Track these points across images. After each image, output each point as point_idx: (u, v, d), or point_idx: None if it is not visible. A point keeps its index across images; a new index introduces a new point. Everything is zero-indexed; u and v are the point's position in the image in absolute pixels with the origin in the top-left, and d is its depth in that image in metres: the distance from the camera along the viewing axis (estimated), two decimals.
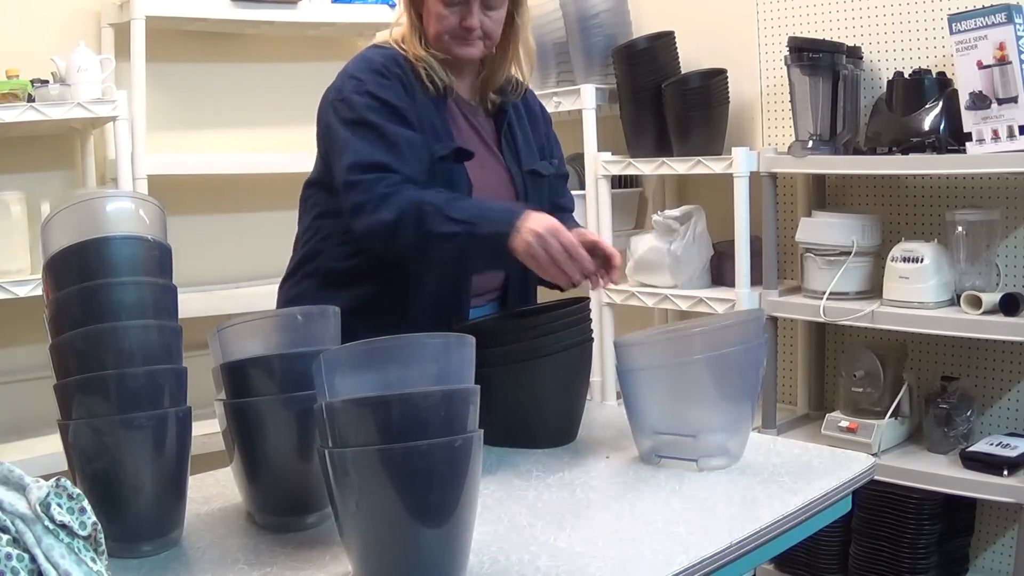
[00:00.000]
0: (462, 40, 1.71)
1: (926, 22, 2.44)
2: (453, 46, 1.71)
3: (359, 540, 1.09)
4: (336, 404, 1.08)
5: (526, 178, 1.81)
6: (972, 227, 2.25)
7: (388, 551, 1.08)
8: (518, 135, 1.84)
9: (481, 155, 1.76)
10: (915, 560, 2.30)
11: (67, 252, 1.26)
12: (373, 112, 1.63)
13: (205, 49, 3.03)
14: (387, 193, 1.59)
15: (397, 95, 1.66)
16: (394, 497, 1.05)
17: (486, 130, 1.81)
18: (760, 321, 1.56)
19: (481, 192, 1.72)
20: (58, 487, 1.00)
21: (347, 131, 1.64)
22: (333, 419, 1.08)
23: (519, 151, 1.82)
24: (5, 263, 2.43)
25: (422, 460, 1.04)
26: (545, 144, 1.91)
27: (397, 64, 1.70)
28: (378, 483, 1.05)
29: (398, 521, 1.06)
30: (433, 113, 1.71)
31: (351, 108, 1.65)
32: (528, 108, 1.90)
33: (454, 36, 1.70)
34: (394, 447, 1.04)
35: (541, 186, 1.84)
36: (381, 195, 1.59)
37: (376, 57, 1.71)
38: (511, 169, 1.80)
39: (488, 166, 1.77)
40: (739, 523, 1.28)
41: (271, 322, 1.42)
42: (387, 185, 1.59)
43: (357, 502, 1.07)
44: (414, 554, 1.07)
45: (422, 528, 1.07)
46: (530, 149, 1.85)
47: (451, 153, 1.69)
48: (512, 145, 1.82)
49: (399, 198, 1.58)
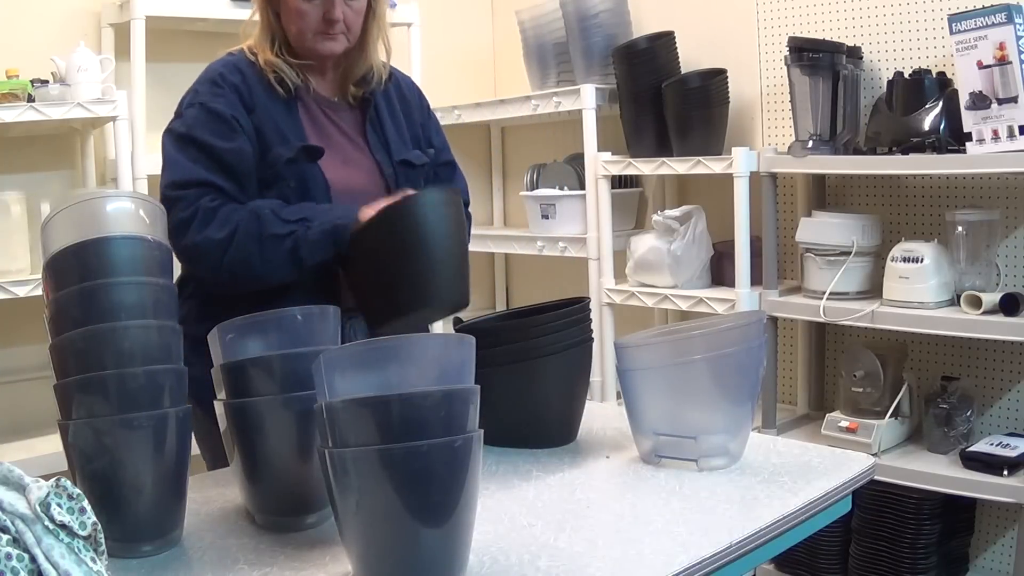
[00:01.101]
0: (325, 35, 1.70)
1: (926, 22, 2.44)
2: (316, 43, 1.71)
3: (359, 540, 1.09)
4: (336, 404, 1.08)
5: (397, 169, 1.79)
6: (972, 227, 2.25)
7: (388, 551, 1.08)
8: (387, 125, 1.81)
9: (343, 150, 1.75)
10: (915, 560, 2.30)
11: (67, 252, 1.26)
12: (199, 126, 1.65)
13: (205, 49, 3.01)
14: (213, 207, 1.60)
15: (229, 103, 1.66)
16: (394, 497, 1.05)
17: (349, 123, 1.79)
18: (760, 323, 1.56)
19: (346, 187, 1.71)
20: (58, 487, 1.00)
21: (174, 148, 1.66)
22: (333, 419, 1.08)
23: (388, 141, 1.80)
24: (5, 263, 2.43)
25: (422, 460, 1.04)
26: (421, 133, 1.88)
27: (238, 71, 1.69)
28: (378, 483, 1.05)
29: (398, 521, 1.06)
30: (282, 116, 1.70)
31: (183, 122, 1.67)
32: (401, 96, 1.87)
33: (317, 32, 1.69)
34: (394, 447, 1.04)
35: (414, 176, 1.82)
36: (206, 210, 1.60)
37: (217, 66, 1.72)
38: (380, 161, 1.78)
39: (352, 160, 1.76)
40: (739, 523, 1.28)
41: (271, 322, 1.42)
42: (210, 199, 1.61)
43: (357, 502, 1.07)
44: (414, 554, 1.07)
45: (422, 528, 1.07)
46: (401, 138, 1.83)
47: (297, 154, 1.68)
48: (380, 136, 1.80)
49: (225, 214, 1.60)
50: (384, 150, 1.79)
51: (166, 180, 1.64)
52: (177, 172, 1.63)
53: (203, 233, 1.60)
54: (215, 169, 1.63)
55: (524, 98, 3.07)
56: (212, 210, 1.60)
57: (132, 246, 1.29)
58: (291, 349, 1.32)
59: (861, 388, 2.38)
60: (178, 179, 1.63)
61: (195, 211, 1.60)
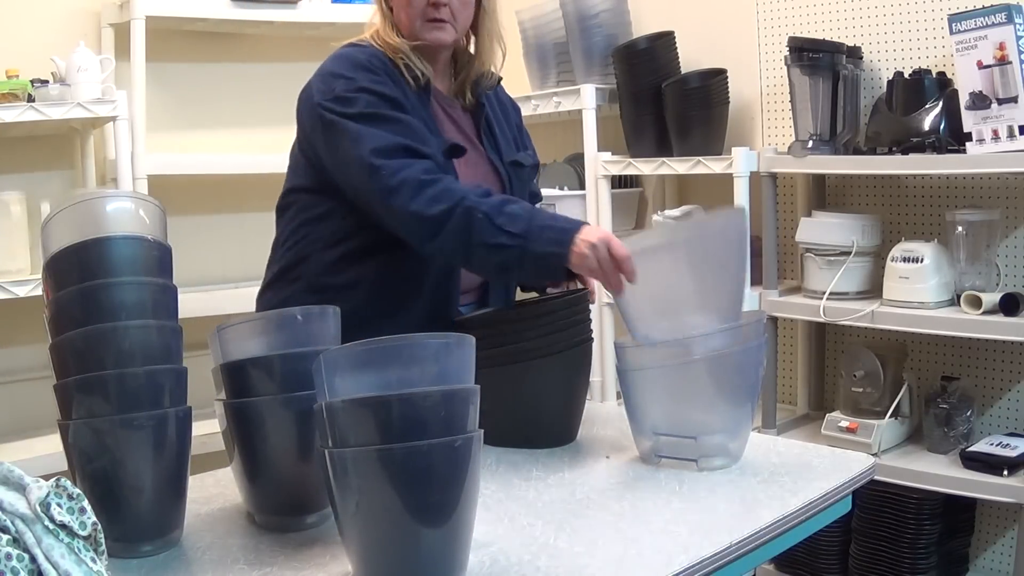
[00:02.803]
0: (432, 23, 1.69)
1: (926, 22, 2.44)
2: (425, 31, 1.69)
3: (359, 540, 1.09)
4: (336, 404, 1.08)
5: (509, 169, 1.81)
6: (972, 227, 2.25)
7: (388, 550, 1.08)
8: (496, 128, 1.83)
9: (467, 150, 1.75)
10: (915, 560, 2.30)
11: (67, 252, 1.26)
12: (375, 106, 1.59)
13: (205, 49, 3.03)
14: (425, 181, 1.52)
15: (392, 89, 1.64)
16: (394, 497, 1.05)
17: (465, 124, 1.80)
18: (760, 323, 1.56)
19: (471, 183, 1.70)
20: (58, 487, 1.00)
21: (355, 124, 1.57)
22: (333, 419, 1.08)
23: (499, 143, 1.82)
24: (5, 263, 2.43)
25: (422, 460, 1.04)
26: (518, 136, 1.91)
27: (379, 60, 1.67)
28: (378, 483, 1.05)
29: (398, 521, 1.06)
30: (420, 108, 1.69)
31: (351, 104, 1.59)
32: (499, 100, 1.90)
33: (425, 19, 1.69)
34: (394, 447, 1.04)
35: (523, 176, 1.85)
36: (418, 181, 1.52)
37: (358, 55, 1.67)
38: (494, 161, 1.80)
39: (472, 160, 1.76)
40: (739, 523, 1.28)
41: (271, 322, 1.42)
42: (423, 171, 1.53)
43: (357, 502, 1.07)
44: (414, 553, 1.08)
45: (422, 528, 1.07)
46: (507, 141, 1.85)
47: (444, 151, 1.67)
48: (492, 138, 1.82)
49: (439, 190, 1.51)
50: (496, 151, 1.81)
51: (366, 149, 1.54)
52: (372, 140, 1.55)
53: (413, 205, 1.51)
54: (413, 137, 1.58)
55: (524, 98, 3.06)
56: (425, 182, 1.52)
57: (132, 246, 1.29)
58: (291, 349, 1.32)
59: (861, 388, 2.38)
60: (377, 145, 1.54)
61: (403, 179, 1.52)
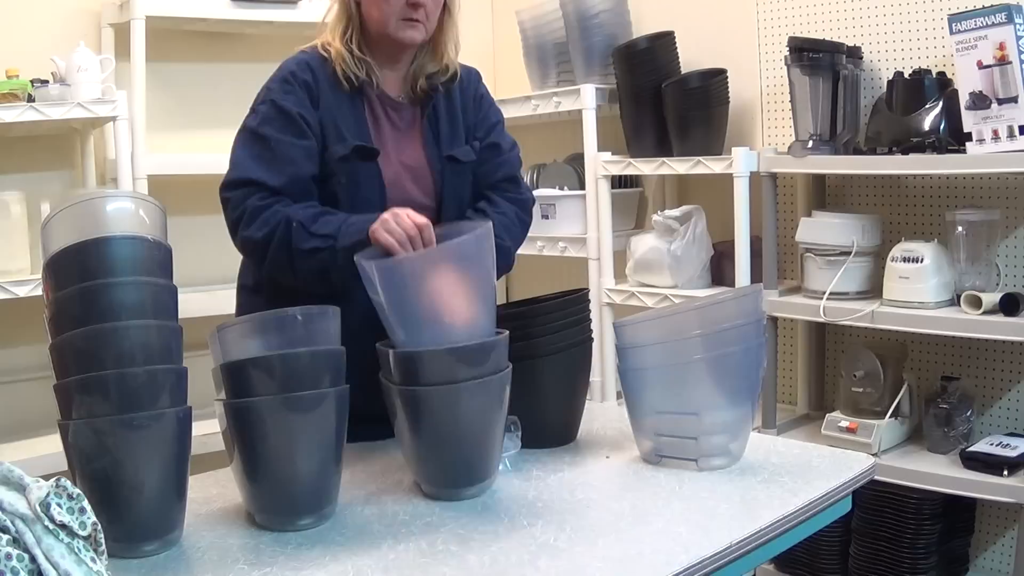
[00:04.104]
0: (407, 22, 1.72)
1: (926, 22, 2.44)
2: (398, 30, 1.72)
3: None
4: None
5: (444, 164, 1.81)
6: (972, 227, 2.25)
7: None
8: (443, 121, 1.83)
9: (399, 147, 1.77)
10: (915, 560, 2.30)
11: (67, 252, 1.26)
12: (268, 122, 1.69)
13: (205, 49, 3.03)
14: (257, 207, 1.64)
15: (298, 101, 1.70)
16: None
17: (407, 120, 1.81)
18: (760, 322, 1.55)
19: (400, 185, 1.75)
20: (58, 487, 1.00)
21: (240, 144, 1.71)
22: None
23: (440, 138, 1.82)
24: (5, 263, 2.43)
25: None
26: (477, 123, 1.88)
27: (308, 69, 1.73)
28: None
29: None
30: (346, 112, 1.73)
31: (254, 118, 1.71)
32: (463, 95, 1.89)
33: (400, 17, 1.71)
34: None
35: (461, 172, 1.83)
36: (252, 209, 1.64)
37: (290, 64, 1.75)
38: (430, 156, 1.80)
39: (407, 155, 1.78)
40: (739, 523, 1.28)
41: (271, 322, 1.42)
42: (258, 199, 1.64)
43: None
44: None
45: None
46: (455, 134, 1.84)
47: (351, 153, 1.71)
48: (434, 132, 1.82)
49: (268, 215, 1.63)
50: (436, 145, 1.82)
51: (224, 180, 1.70)
52: (232, 171, 1.69)
53: (246, 232, 1.64)
54: (274, 166, 1.66)
55: (524, 98, 3.07)
56: (258, 209, 1.64)
57: (132, 246, 1.29)
58: (291, 349, 1.32)
59: (861, 388, 2.38)
60: (231, 179, 1.68)
61: (242, 211, 1.65)
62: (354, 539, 1.29)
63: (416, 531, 1.31)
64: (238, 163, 1.69)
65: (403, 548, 1.25)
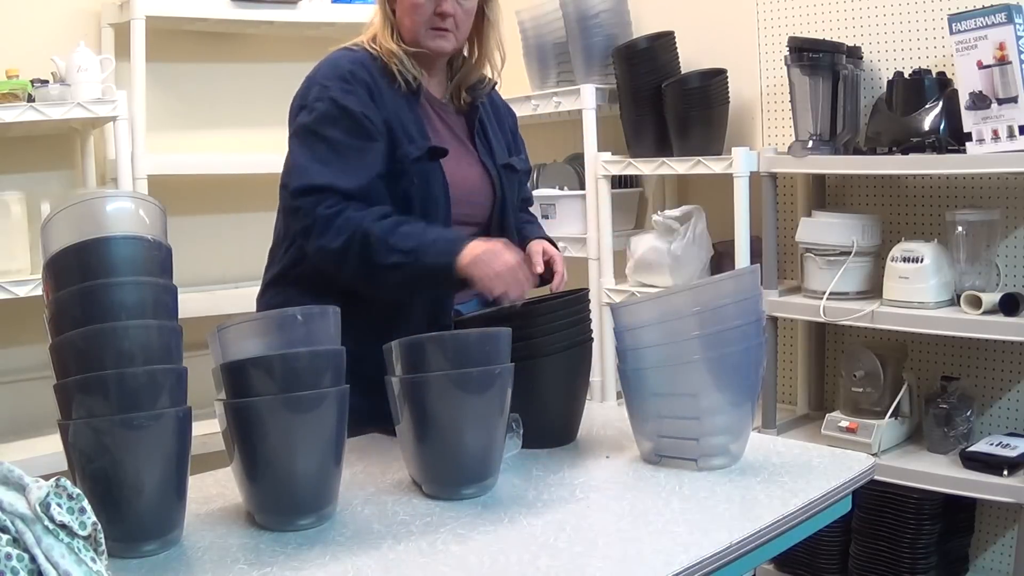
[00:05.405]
0: (436, 31, 1.73)
1: (926, 22, 2.44)
2: (428, 39, 1.74)
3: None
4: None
5: (501, 172, 1.84)
6: (972, 227, 2.25)
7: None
8: (489, 131, 1.87)
9: (456, 151, 1.78)
10: (915, 560, 2.30)
11: (67, 252, 1.26)
12: (329, 122, 1.66)
13: (205, 49, 3.03)
14: (329, 216, 1.62)
15: (360, 102, 1.68)
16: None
17: (458, 127, 1.84)
18: (760, 322, 1.55)
19: (463, 187, 1.76)
20: (58, 487, 1.00)
21: (300, 144, 1.68)
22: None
23: (492, 147, 1.85)
24: (5, 263, 2.43)
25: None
26: (511, 141, 1.95)
27: (364, 68, 1.71)
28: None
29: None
30: (405, 112, 1.72)
31: (312, 118, 1.67)
32: (494, 106, 1.94)
33: (429, 27, 1.73)
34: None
35: (514, 180, 1.89)
36: (324, 218, 1.62)
37: (343, 63, 1.72)
38: (486, 164, 1.83)
39: (464, 162, 1.80)
40: (739, 523, 1.28)
41: (271, 322, 1.42)
42: (327, 207, 1.62)
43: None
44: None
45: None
46: (500, 145, 1.89)
47: (425, 153, 1.71)
48: (485, 141, 1.85)
49: (341, 222, 1.61)
50: (489, 154, 1.85)
51: (290, 187, 1.66)
52: (299, 177, 1.66)
53: (321, 241, 1.63)
54: (343, 169, 1.64)
55: (524, 98, 3.07)
56: (330, 217, 1.62)
57: (132, 246, 1.29)
58: (291, 349, 1.32)
59: (861, 388, 2.38)
60: (299, 185, 1.65)
61: (314, 219, 1.63)
62: (354, 539, 1.29)
63: (416, 531, 1.31)
64: (305, 168, 1.66)
65: (403, 548, 1.25)
